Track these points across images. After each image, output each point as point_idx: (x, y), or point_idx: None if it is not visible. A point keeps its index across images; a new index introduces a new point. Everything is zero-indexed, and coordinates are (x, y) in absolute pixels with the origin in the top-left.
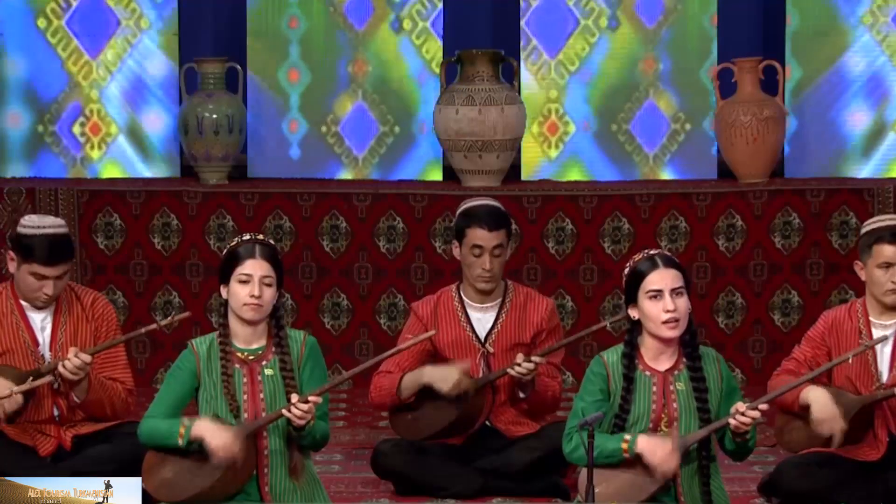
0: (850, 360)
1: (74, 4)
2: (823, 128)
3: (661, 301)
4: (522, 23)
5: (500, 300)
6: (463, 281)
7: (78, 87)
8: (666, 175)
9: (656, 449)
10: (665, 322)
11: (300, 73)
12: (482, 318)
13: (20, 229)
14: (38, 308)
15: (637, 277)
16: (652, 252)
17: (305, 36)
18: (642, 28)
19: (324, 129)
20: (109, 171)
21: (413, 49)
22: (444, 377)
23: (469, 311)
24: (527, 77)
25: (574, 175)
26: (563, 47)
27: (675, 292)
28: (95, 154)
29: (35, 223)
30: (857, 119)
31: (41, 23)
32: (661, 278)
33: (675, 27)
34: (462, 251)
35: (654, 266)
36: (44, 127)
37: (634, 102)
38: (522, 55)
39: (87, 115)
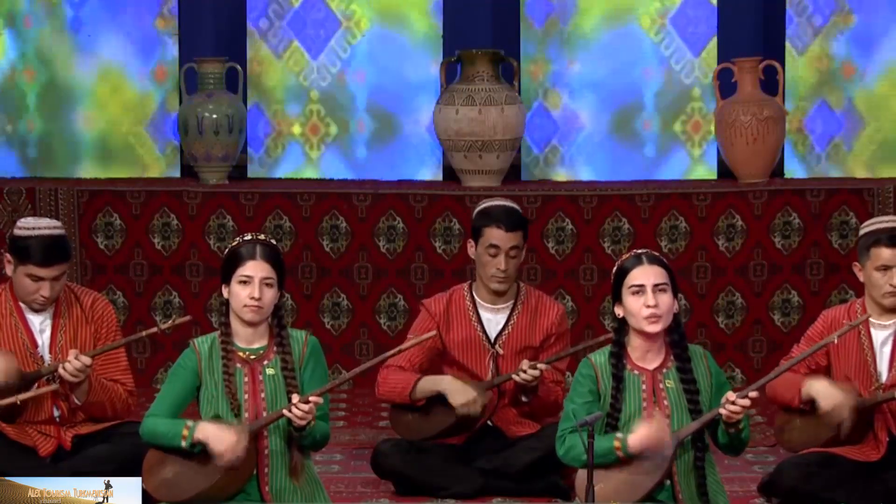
0: (836, 340)
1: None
2: None
3: (643, 296)
4: None
5: (511, 302)
6: (476, 280)
7: None
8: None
9: (648, 434)
10: (646, 317)
11: None
12: (493, 319)
13: (16, 231)
14: (37, 310)
15: (621, 274)
16: (639, 251)
17: None
18: None
19: None
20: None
21: None
22: (460, 392)
23: (480, 312)
24: None
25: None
26: None
27: (657, 288)
28: None
29: (30, 225)
30: None
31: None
32: (644, 274)
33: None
34: (477, 250)
35: (639, 263)
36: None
37: None
38: None
39: None
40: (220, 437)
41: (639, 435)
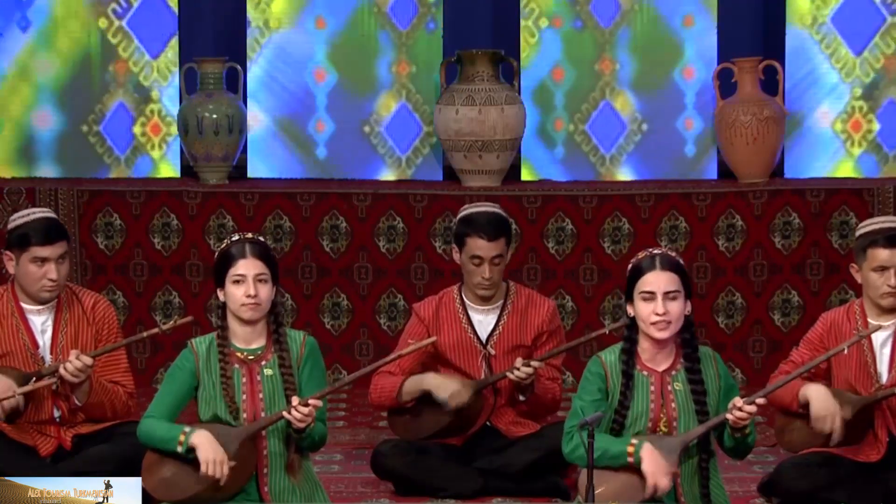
0: (846, 350)
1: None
2: None
3: (653, 303)
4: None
5: (501, 302)
6: (464, 283)
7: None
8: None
9: (655, 464)
10: (654, 324)
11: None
12: (483, 320)
13: (11, 224)
14: (43, 302)
15: (635, 275)
16: (656, 252)
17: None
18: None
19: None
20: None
21: None
22: (444, 386)
23: (471, 313)
24: None
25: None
26: None
27: (668, 296)
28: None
29: (24, 213)
30: None
31: None
32: (656, 280)
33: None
34: (462, 258)
35: (652, 267)
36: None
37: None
38: None
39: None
40: (210, 449)
41: (652, 455)
